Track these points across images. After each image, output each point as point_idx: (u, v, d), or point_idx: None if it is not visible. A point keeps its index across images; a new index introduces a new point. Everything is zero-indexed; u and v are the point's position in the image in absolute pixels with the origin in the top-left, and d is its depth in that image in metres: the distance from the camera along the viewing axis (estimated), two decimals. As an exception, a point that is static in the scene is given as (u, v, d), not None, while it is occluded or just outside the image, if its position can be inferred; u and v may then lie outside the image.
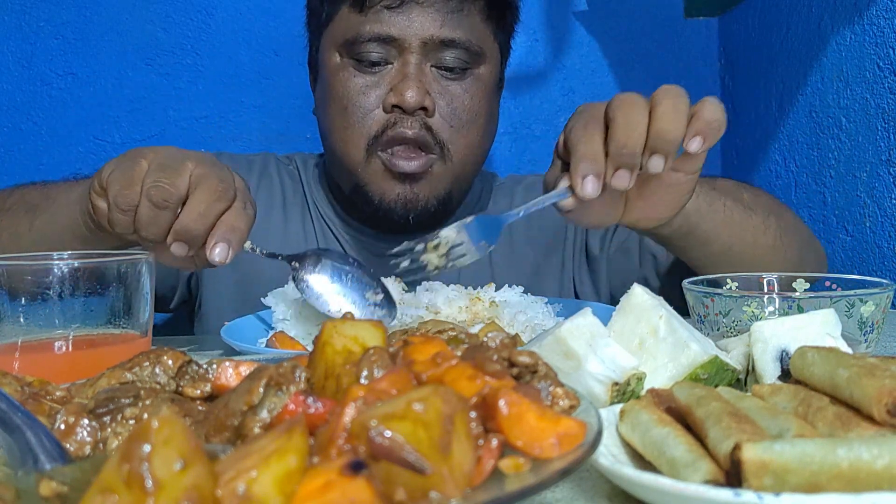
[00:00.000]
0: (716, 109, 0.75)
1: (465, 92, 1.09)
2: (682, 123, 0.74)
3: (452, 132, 1.08)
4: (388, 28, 1.05)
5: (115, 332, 0.66)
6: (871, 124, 1.31)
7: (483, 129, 1.14)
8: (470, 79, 1.10)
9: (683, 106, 0.75)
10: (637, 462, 0.45)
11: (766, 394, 0.48)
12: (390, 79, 1.07)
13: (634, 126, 0.73)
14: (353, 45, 1.07)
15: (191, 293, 1.22)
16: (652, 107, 0.74)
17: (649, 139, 0.73)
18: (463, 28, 1.08)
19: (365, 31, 1.06)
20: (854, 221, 1.38)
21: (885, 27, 1.27)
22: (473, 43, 1.09)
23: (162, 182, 0.73)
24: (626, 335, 0.59)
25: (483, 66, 1.12)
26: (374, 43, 1.06)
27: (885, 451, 0.36)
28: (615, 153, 0.73)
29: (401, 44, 1.05)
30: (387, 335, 0.44)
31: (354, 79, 1.07)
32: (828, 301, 0.63)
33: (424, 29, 1.06)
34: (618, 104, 0.75)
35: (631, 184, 0.74)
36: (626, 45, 1.93)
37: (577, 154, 0.75)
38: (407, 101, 1.03)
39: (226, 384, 0.45)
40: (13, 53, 1.69)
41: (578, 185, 0.74)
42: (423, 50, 1.06)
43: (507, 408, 0.36)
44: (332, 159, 1.16)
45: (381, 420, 0.31)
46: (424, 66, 1.07)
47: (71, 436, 0.40)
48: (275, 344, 0.80)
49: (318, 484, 0.29)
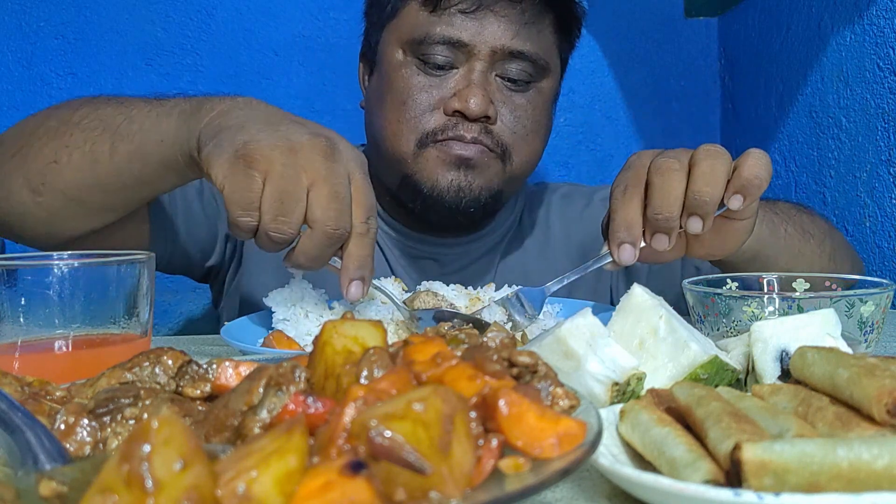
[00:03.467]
0: (756, 165, 0.76)
1: (528, 103, 1.08)
2: (720, 185, 0.75)
3: (515, 139, 1.07)
4: (460, 33, 1.03)
5: (115, 332, 0.66)
6: (871, 124, 1.31)
7: (542, 139, 1.13)
8: (532, 91, 1.08)
9: (721, 166, 0.76)
10: (637, 462, 0.45)
11: (766, 394, 0.48)
12: (454, 83, 1.04)
13: (670, 191, 0.75)
14: (420, 44, 1.04)
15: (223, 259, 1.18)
16: (690, 167, 0.76)
17: (687, 201, 0.75)
18: (533, 41, 1.06)
19: (435, 33, 1.03)
20: (854, 221, 1.38)
21: (885, 27, 1.27)
22: (541, 56, 1.07)
23: (280, 223, 0.71)
24: (626, 335, 0.59)
25: (545, 81, 1.10)
26: (443, 46, 1.03)
27: (885, 451, 0.36)
28: (651, 219, 0.76)
29: (470, 50, 1.03)
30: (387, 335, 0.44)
31: (417, 77, 1.05)
32: (828, 301, 0.63)
33: (496, 38, 1.03)
34: (657, 167, 0.77)
35: (671, 245, 0.77)
36: (626, 45, 1.93)
37: (614, 221, 0.78)
38: (471, 109, 1.01)
39: (226, 384, 0.45)
40: (13, 53, 1.69)
41: (615, 253, 0.78)
42: (491, 58, 1.04)
43: (507, 408, 0.36)
44: (378, 153, 1.12)
45: (381, 420, 0.31)
46: (489, 74, 1.05)
47: (71, 436, 0.40)
48: (272, 343, 0.80)
49: (318, 484, 0.29)
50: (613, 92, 1.96)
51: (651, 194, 0.76)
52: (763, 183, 0.76)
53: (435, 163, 1.04)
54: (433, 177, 1.05)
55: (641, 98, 1.96)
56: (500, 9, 1.04)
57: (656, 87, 1.96)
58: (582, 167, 1.96)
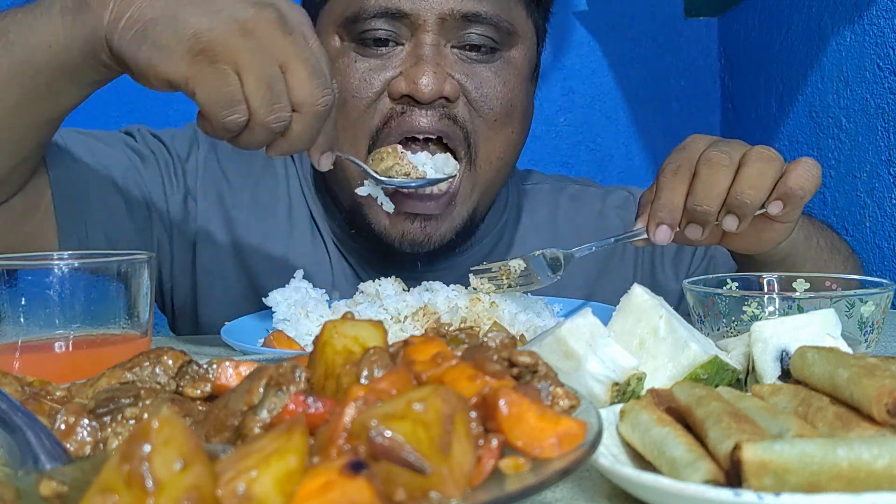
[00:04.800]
0: (804, 176, 0.75)
1: (495, 75, 0.92)
2: (764, 190, 0.75)
3: (483, 126, 0.92)
4: (399, 1, 0.88)
5: (115, 332, 0.66)
6: (871, 124, 1.31)
7: (520, 124, 0.97)
8: (500, 61, 0.93)
9: (771, 171, 0.75)
10: (637, 462, 0.45)
11: (766, 394, 0.48)
12: (400, 62, 0.90)
13: (714, 185, 0.75)
14: (354, 22, 0.90)
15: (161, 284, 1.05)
16: (740, 166, 0.76)
17: (728, 199, 0.75)
18: (490, 0, 0.90)
19: (369, 5, 0.88)
20: (854, 221, 1.38)
21: (885, 27, 1.27)
22: (503, 18, 0.91)
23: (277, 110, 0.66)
24: (626, 335, 0.59)
25: (515, 49, 0.94)
26: (381, 19, 0.88)
27: (885, 451, 0.36)
28: (691, 208, 0.76)
29: (414, 20, 0.88)
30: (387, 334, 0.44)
31: (355, 64, 0.90)
32: (828, 301, 0.63)
33: (443, 1, 0.88)
34: (707, 158, 0.76)
35: (703, 237, 0.77)
36: (626, 45, 1.93)
37: (658, 200, 0.78)
38: (421, 91, 0.86)
39: (226, 384, 0.45)
40: (13, 53, 1.69)
41: (652, 232, 0.78)
42: (440, 28, 0.89)
43: (507, 408, 0.36)
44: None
45: (381, 420, 0.31)
46: (443, 47, 0.90)
47: (71, 436, 0.40)
48: (272, 343, 0.80)
49: (318, 484, 0.29)
50: (613, 92, 1.96)
51: (695, 184, 0.76)
52: (807, 195, 0.75)
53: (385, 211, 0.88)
54: (380, 222, 0.93)
55: (641, 98, 1.96)
56: None
57: (656, 87, 1.96)
58: (582, 167, 1.96)
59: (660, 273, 1.15)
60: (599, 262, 1.13)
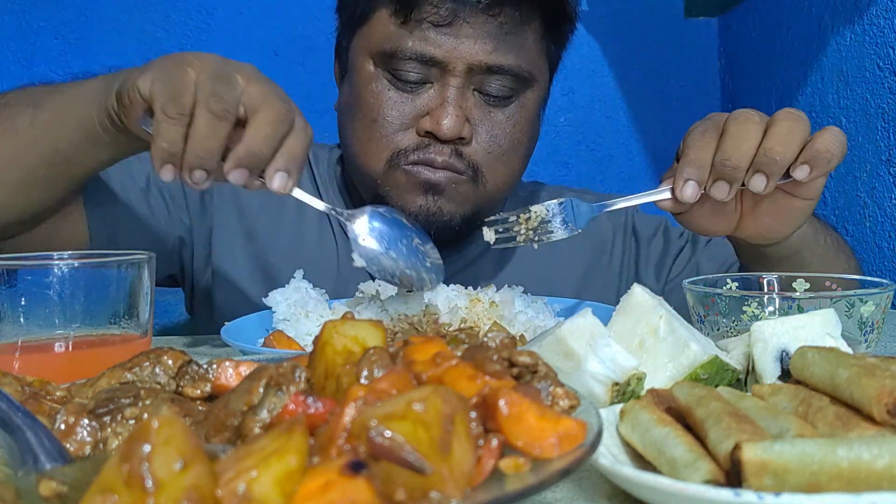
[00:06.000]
0: (831, 140, 0.74)
1: (507, 119, 1.02)
2: (794, 147, 0.74)
3: (490, 159, 1.01)
4: (433, 49, 0.96)
5: (115, 332, 0.66)
6: (871, 124, 1.31)
7: (523, 156, 1.07)
8: (514, 105, 1.02)
9: (800, 130, 0.75)
10: (637, 462, 0.45)
11: (766, 394, 0.48)
12: (427, 100, 0.98)
13: (743, 140, 0.74)
14: (390, 58, 0.98)
15: (183, 268, 1.13)
16: (768, 125, 0.75)
17: (757, 157, 0.74)
18: (514, 52, 0.99)
19: (406, 48, 0.96)
20: (854, 221, 1.38)
21: (885, 27, 1.27)
22: (524, 69, 1.00)
23: (221, 92, 0.68)
24: (626, 335, 0.59)
25: (530, 92, 1.04)
26: (416, 62, 0.96)
27: (885, 451, 0.36)
28: (718, 163, 0.75)
29: (444, 66, 0.97)
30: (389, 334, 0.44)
31: (388, 92, 0.99)
32: (828, 301, 0.63)
33: (472, 53, 0.96)
34: (735, 116, 0.76)
35: (729, 196, 0.76)
36: (626, 45, 1.93)
37: (686, 158, 0.77)
38: (443, 131, 0.96)
39: (226, 384, 0.45)
40: (13, 53, 1.69)
41: (679, 188, 0.76)
42: (467, 75, 0.97)
43: (507, 408, 0.36)
44: (351, 165, 1.09)
45: (381, 420, 0.31)
46: (466, 90, 0.98)
47: (71, 436, 0.40)
48: (272, 343, 0.80)
49: (318, 484, 0.29)
50: (613, 92, 1.96)
51: (723, 141, 0.75)
52: (834, 159, 0.74)
53: (404, 187, 1.00)
54: (402, 200, 1.01)
55: (641, 98, 1.96)
56: (477, 21, 0.96)
57: (656, 87, 1.96)
58: (582, 167, 1.97)
59: (644, 275, 1.19)
60: (588, 261, 1.19)
